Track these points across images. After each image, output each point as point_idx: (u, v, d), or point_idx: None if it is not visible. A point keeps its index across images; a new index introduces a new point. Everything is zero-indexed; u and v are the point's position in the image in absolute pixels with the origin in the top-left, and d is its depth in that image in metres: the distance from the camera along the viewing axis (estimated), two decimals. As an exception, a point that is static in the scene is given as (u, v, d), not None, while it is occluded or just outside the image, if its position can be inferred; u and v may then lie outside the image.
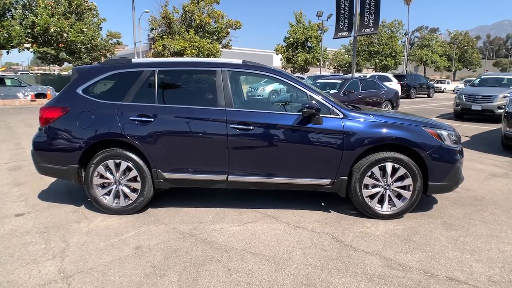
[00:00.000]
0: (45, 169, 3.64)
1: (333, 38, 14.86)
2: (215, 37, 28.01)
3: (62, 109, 3.51)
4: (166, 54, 24.74)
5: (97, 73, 3.62)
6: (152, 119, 3.39)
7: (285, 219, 3.46)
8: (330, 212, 3.65)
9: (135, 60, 3.70)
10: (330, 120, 3.37)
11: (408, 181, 3.38)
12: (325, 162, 3.39)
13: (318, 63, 36.98)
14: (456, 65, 54.72)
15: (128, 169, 3.48)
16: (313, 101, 3.33)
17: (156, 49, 25.18)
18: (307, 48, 36.65)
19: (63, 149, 3.50)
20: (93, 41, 21.38)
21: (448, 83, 37.38)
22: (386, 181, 3.41)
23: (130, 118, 3.41)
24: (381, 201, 3.47)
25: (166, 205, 3.82)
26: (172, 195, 4.08)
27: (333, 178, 3.42)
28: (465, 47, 54.71)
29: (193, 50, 24.93)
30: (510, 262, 2.67)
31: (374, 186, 3.44)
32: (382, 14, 13.25)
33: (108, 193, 3.55)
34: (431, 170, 3.35)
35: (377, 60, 42.81)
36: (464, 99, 11.41)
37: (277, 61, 39.90)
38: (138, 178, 3.48)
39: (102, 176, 3.51)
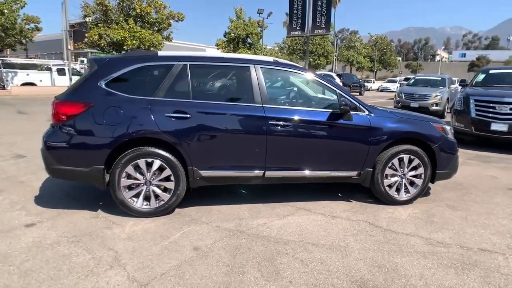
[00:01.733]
0: (60, 172, 3.25)
1: (287, 37, 15.47)
2: (156, 28, 26.66)
3: (84, 104, 3.17)
4: (102, 44, 22.78)
5: (121, 65, 3.33)
6: (189, 116, 3.27)
7: (317, 211, 3.65)
8: (351, 201, 3.95)
9: (161, 53, 3.52)
10: (358, 116, 3.64)
11: (421, 170, 3.84)
12: (355, 155, 3.66)
13: (258, 60, 37.65)
14: (377, 65, 60.72)
15: (160, 168, 3.31)
16: (345, 99, 3.57)
17: (91, 38, 22.99)
18: (248, 45, 37.08)
19: (85, 149, 3.17)
20: (15, 25, 18.63)
21: (373, 82, 41.52)
22: (403, 171, 3.83)
23: (166, 114, 3.23)
24: (398, 189, 3.88)
25: (192, 204, 3.70)
26: (190, 194, 3.94)
27: (360, 170, 3.72)
28: (384, 50, 61.06)
29: (134, 41, 23.38)
30: (515, 233, 3.27)
31: (393, 175, 3.83)
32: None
33: (137, 195, 3.32)
34: (439, 160, 3.86)
35: (310, 59, 45.31)
36: (403, 97, 12.89)
37: (217, 56, 39.49)
38: (172, 178, 3.33)
39: (130, 177, 3.27)
